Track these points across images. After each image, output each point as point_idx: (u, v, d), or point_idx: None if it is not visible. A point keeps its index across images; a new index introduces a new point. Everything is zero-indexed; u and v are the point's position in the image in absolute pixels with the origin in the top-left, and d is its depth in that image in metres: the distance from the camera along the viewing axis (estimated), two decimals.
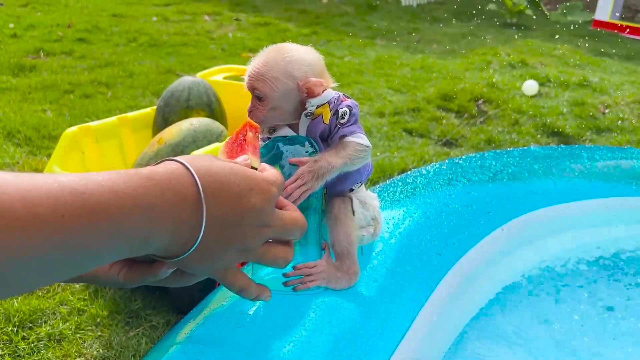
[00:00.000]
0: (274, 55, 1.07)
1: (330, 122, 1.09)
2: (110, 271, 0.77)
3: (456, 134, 3.65)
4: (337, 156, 1.06)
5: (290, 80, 1.06)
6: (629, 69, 5.61)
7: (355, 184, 1.17)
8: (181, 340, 1.03)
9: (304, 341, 1.02)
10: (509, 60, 5.57)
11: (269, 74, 1.05)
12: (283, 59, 1.06)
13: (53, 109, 3.57)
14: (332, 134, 1.09)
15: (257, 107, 1.08)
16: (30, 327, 1.81)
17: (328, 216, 1.15)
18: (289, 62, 1.06)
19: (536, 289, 1.72)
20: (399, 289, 1.24)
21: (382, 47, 6.03)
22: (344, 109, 1.09)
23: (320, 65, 1.11)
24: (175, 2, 7.68)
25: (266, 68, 1.05)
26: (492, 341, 1.51)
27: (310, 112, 1.09)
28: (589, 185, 1.89)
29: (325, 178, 1.04)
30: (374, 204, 1.22)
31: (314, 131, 1.10)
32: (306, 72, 1.07)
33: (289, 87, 1.06)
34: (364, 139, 1.09)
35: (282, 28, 6.49)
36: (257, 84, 1.05)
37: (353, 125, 1.09)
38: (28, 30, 5.52)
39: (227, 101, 2.39)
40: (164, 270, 0.75)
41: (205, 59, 5.00)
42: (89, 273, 0.76)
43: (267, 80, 1.05)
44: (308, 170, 1.03)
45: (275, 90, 1.06)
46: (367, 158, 1.11)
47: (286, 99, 1.08)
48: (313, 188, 1.03)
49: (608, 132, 3.90)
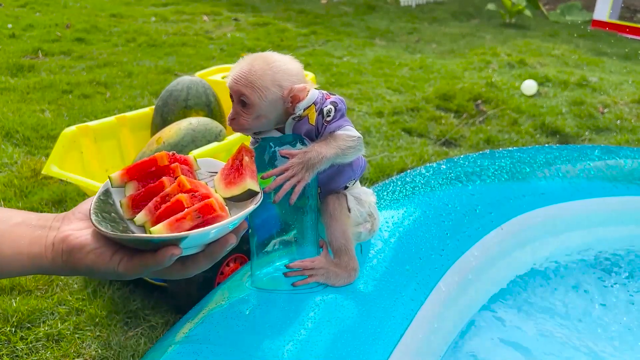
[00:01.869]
0: (261, 64, 1.05)
1: (316, 122, 1.08)
2: (109, 262, 0.77)
3: (455, 133, 3.65)
4: (327, 147, 1.05)
5: (278, 90, 1.05)
6: (628, 68, 5.61)
7: (349, 181, 1.17)
8: (180, 340, 1.03)
9: (303, 340, 1.02)
10: (508, 60, 5.57)
11: (258, 82, 1.04)
12: (270, 68, 1.05)
13: (51, 109, 3.57)
14: (321, 132, 1.09)
15: (241, 114, 1.06)
16: (29, 327, 1.80)
17: (323, 214, 1.15)
18: (276, 72, 1.05)
19: (535, 287, 1.72)
20: (398, 288, 1.24)
21: (381, 47, 6.02)
22: (328, 107, 1.08)
23: (302, 74, 1.10)
24: (174, 2, 7.68)
25: (255, 76, 1.04)
26: (492, 340, 1.51)
27: (298, 115, 1.08)
28: (589, 184, 1.89)
29: (315, 169, 1.04)
30: (369, 200, 1.22)
31: (299, 132, 1.10)
32: (293, 82, 1.07)
33: (276, 97, 1.06)
34: (352, 130, 1.09)
35: (281, 28, 6.49)
36: (246, 90, 1.04)
37: (339, 120, 1.09)
38: (27, 30, 5.52)
39: (226, 101, 2.39)
40: (169, 257, 0.75)
41: (204, 59, 4.99)
42: (86, 265, 0.77)
43: (257, 89, 1.04)
44: (298, 162, 1.02)
45: (263, 99, 1.05)
46: (360, 149, 1.10)
47: (272, 108, 1.07)
48: (304, 179, 1.02)
49: (607, 132, 3.89)
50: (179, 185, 0.84)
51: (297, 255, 1.11)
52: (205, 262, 0.81)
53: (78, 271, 0.79)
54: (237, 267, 1.85)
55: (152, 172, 0.89)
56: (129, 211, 0.86)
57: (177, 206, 0.80)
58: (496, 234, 1.60)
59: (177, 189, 0.84)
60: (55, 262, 0.79)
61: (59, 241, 0.79)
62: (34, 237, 0.80)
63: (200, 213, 0.79)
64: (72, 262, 0.78)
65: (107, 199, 0.87)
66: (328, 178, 1.12)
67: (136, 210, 0.85)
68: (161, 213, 0.81)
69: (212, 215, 0.79)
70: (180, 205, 0.80)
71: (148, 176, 0.89)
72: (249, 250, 1.62)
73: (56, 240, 0.79)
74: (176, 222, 0.78)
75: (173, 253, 0.74)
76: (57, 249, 0.79)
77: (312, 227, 1.12)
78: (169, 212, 0.80)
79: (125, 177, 0.89)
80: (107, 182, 0.89)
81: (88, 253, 0.77)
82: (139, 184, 0.88)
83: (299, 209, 1.08)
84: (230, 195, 0.88)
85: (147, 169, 0.89)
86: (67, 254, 0.78)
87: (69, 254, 0.78)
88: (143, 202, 0.85)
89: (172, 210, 0.80)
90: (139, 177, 0.89)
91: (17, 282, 1.97)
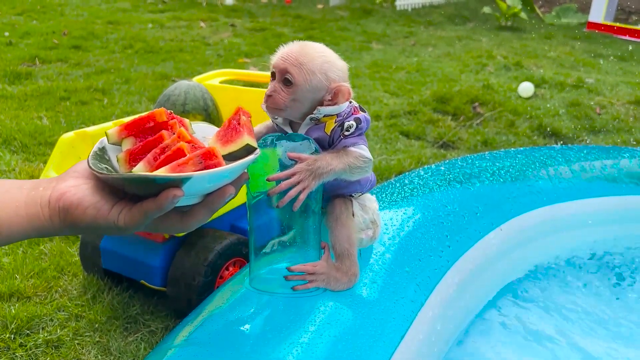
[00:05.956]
0: (313, 49, 1.05)
1: (332, 133, 1.08)
2: (109, 216, 0.75)
3: (453, 136, 3.65)
4: (338, 160, 1.05)
5: (324, 78, 1.05)
6: (624, 69, 5.64)
7: (355, 193, 1.17)
8: (180, 343, 1.02)
9: (304, 342, 1.02)
10: (504, 62, 5.59)
11: (307, 64, 1.03)
12: (320, 56, 1.06)
13: (49, 116, 3.57)
14: (335, 144, 1.08)
15: (280, 92, 1.05)
16: (28, 333, 1.80)
17: (329, 217, 1.14)
18: (325, 61, 1.06)
19: (535, 288, 1.72)
20: (398, 290, 1.24)
21: (378, 51, 6.04)
22: (350, 123, 1.08)
23: (347, 74, 1.10)
24: (171, 9, 7.69)
25: (306, 59, 1.04)
26: (492, 341, 1.51)
27: (317, 118, 1.08)
28: (587, 184, 1.89)
29: (322, 179, 1.03)
30: (373, 207, 1.22)
31: (311, 135, 1.09)
32: (338, 76, 1.07)
33: (319, 85, 1.05)
34: (365, 151, 1.08)
35: (277, 33, 6.50)
36: (293, 70, 1.03)
37: (356, 137, 1.08)
38: (24, 38, 5.52)
39: (224, 105, 2.39)
40: (171, 199, 0.72)
41: (201, 64, 5.00)
42: (85, 221, 0.75)
43: (305, 70, 1.03)
44: (307, 168, 1.02)
45: (308, 82, 1.04)
46: (367, 171, 1.10)
47: (311, 95, 1.06)
48: (310, 187, 1.02)
49: (604, 133, 3.91)
50: (179, 137, 0.81)
51: (298, 258, 1.11)
52: (204, 213, 0.79)
53: (77, 229, 0.76)
54: (236, 271, 1.85)
55: (150, 128, 0.86)
56: (126, 165, 0.82)
57: (178, 154, 0.78)
58: (495, 234, 1.61)
59: (177, 140, 0.81)
60: (52, 221, 0.76)
61: (55, 199, 0.76)
62: (29, 198, 0.77)
63: (203, 158, 0.77)
64: (70, 219, 0.76)
65: (103, 155, 0.84)
66: (334, 187, 1.12)
67: (134, 164, 0.82)
68: (161, 163, 0.78)
69: (214, 161, 0.77)
70: (181, 153, 0.78)
71: (146, 131, 0.86)
72: (248, 254, 1.61)
73: (52, 198, 0.77)
74: (178, 166, 0.76)
75: (175, 194, 0.72)
76: (54, 207, 0.76)
77: (315, 231, 1.11)
78: (169, 161, 0.78)
79: (123, 132, 0.85)
80: (102, 139, 0.85)
81: (86, 209, 0.75)
82: (137, 139, 0.85)
83: (302, 212, 1.07)
84: (227, 152, 0.86)
85: (145, 124, 0.86)
86: (65, 211, 0.76)
87: (67, 212, 0.75)
88: (141, 156, 0.82)
89: (173, 159, 0.77)
90: (136, 133, 0.86)
91: (16, 289, 1.96)
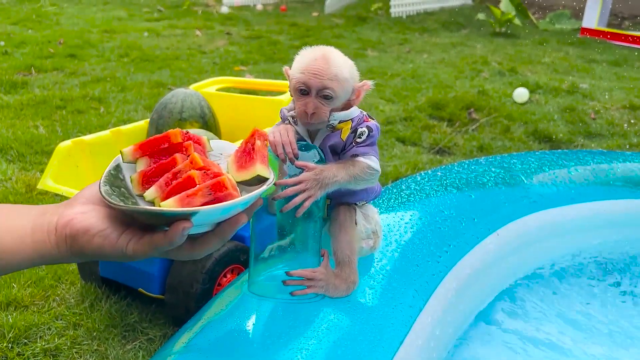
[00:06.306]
0: (335, 56, 1.05)
1: (347, 139, 1.08)
2: (117, 244, 0.74)
3: (448, 142, 3.67)
4: (344, 171, 1.05)
5: (352, 81, 1.07)
6: (617, 74, 5.67)
7: (360, 202, 1.18)
8: (179, 350, 1.03)
9: (302, 348, 1.02)
10: (499, 68, 5.62)
11: (341, 74, 1.04)
12: (345, 60, 1.06)
13: (45, 125, 3.57)
14: (347, 150, 1.09)
15: (322, 107, 1.04)
16: (26, 342, 1.79)
17: (333, 223, 1.14)
18: (349, 64, 1.07)
19: (532, 292, 1.72)
20: (396, 296, 1.24)
21: (373, 58, 6.06)
22: (363, 129, 1.08)
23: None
24: (167, 17, 7.71)
25: (338, 69, 1.03)
26: (491, 345, 1.51)
27: (332, 125, 1.08)
28: (584, 189, 1.90)
29: (327, 189, 1.04)
30: (375, 218, 1.23)
31: (328, 143, 1.09)
32: (357, 75, 1.08)
33: (350, 88, 1.07)
34: (375, 162, 1.09)
35: (273, 41, 6.52)
36: (331, 84, 1.03)
37: (368, 146, 1.09)
38: (19, 47, 5.52)
39: (221, 113, 2.40)
40: (181, 233, 0.72)
41: (197, 72, 5.01)
42: (92, 248, 0.74)
43: (340, 81, 1.04)
44: (313, 178, 1.02)
45: (345, 91, 1.06)
46: (373, 182, 1.11)
47: (345, 99, 1.08)
48: (314, 196, 1.02)
49: (599, 137, 3.93)
50: (192, 162, 0.81)
51: (297, 264, 1.11)
52: (215, 241, 0.79)
53: (84, 255, 0.76)
54: (233, 278, 1.85)
55: (165, 149, 0.86)
56: (139, 187, 0.83)
57: (189, 183, 0.78)
58: (492, 239, 1.61)
59: (189, 165, 0.81)
60: (59, 247, 0.75)
61: (62, 226, 0.75)
62: (36, 224, 0.76)
63: (212, 190, 0.77)
64: (78, 246, 0.75)
65: (118, 174, 0.85)
66: (340, 194, 1.12)
67: (147, 186, 0.82)
68: (172, 189, 0.79)
69: (224, 192, 0.77)
70: (191, 181, 0.78)
71: (160, 152, 0.86)
72: (246, 261, 1.61)
73: (59, 225, 0.76)
74: (187, 197, 0.76)
75: (185, 227, 0.72)
76: (61, 234, 0.75)
77: (316, 238, 1.12)
78: (179, 189, 0.78)
79: (138, 152, 0.86)
80: (118, 157, 0.87)
81: (94, 236, 0.74)
82: (151, 160, 0.86)
83: (304, 218, 1.08)
84: (240, 180, 0.86)
85: (159, 145, 0.86)
86: (72, 238, 0.75)
87: (74, 239, 0.75)
88: (154, 178, 0.83)
89: (183, 187, 0.78)
90: (150, 153, 0.86)
91: (13, 298, 1.96)
